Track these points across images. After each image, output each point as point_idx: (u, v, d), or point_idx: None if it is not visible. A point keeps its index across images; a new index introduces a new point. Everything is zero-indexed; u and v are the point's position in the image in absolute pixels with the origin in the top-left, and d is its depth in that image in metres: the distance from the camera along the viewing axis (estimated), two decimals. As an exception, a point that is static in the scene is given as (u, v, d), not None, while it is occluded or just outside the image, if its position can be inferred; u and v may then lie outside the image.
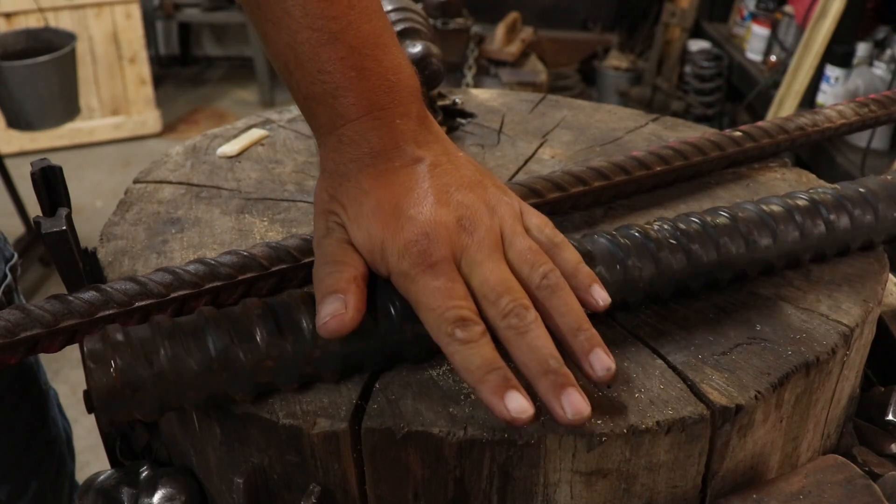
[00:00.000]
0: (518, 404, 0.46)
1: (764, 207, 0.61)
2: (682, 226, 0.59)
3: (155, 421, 0.53)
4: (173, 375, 0.49)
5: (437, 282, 0.49)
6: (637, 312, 0.59)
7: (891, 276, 0.71)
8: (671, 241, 0.57)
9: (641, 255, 0.56)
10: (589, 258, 0.55)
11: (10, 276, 0.87)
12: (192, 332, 0.50)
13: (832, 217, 0.62)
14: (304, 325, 0.51)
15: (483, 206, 0.53)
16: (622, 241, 0.57)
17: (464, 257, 0.51)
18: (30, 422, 0.91)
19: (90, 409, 0.51)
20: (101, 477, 0.65)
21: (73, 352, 0.68)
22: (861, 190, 0.65)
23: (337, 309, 0.49)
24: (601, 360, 0.49)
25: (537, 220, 0.55)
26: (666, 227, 0.59)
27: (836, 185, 0.66)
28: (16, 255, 0.90)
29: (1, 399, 0.85)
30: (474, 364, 0.47)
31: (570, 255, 0.54)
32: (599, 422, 0.49)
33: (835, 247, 0.63)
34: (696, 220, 0.59)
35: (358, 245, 0.53)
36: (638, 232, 0.58)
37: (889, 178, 0.67)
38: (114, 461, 0.71)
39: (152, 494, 0.61)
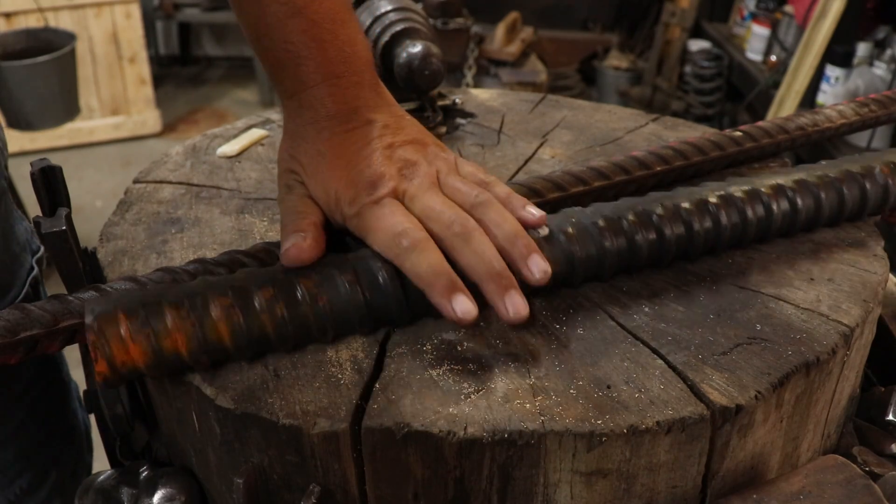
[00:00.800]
0: (464, 306, 0.52)
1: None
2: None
3: (162, 377, 0.53)
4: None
5: (382, 210, 0.56)
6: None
7: (891, 276, 0.71)
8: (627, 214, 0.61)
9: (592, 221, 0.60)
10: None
11: (36, 269, 0.88)
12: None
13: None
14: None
15: (422, 158, 0.59)
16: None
17: (405, 197, 0.57)
18: (51, 413, 0.91)
19: (90, 409, 0.51)
20: (101, 477, 0.65)
21: (72, 352, 0.68)
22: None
23: (296, 241, 0.55)
24: (538, 264, 0.54)
25: (470, 167, 0.61)
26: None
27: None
28: (42, 248, 0.91)
29: (25, 390, 0.86)
30: (422, 268, 0.53)
31: (501, 189, 0.59)
32: (599, 422, 0.49)
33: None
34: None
35: (317, 198, 0.59)
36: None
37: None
38: (114, 461, 0.71)
39: (152, 494, 0.61)
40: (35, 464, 0.90)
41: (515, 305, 0.52)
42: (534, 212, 0.58)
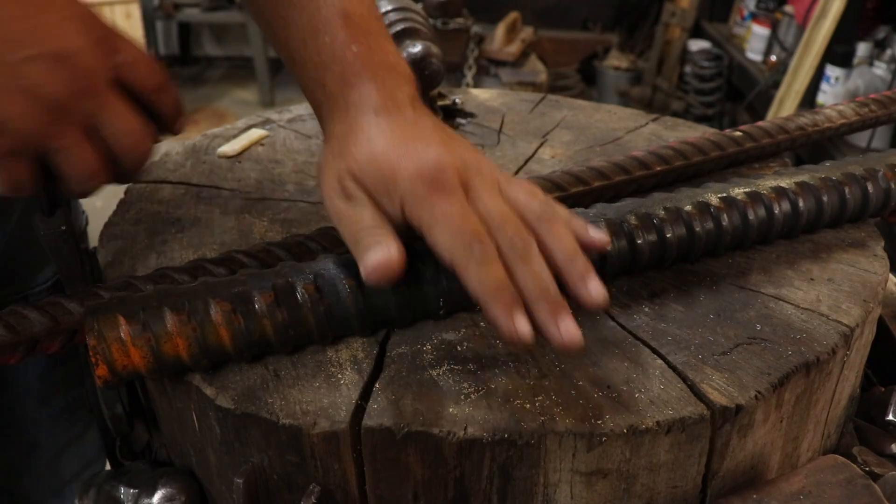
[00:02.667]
0: (525, 326, 0.49)
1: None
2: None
3: (161, 377, 0.53)
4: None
5: (453, 206, 0.52)
6: (631, 305, 0.59)
7: (891, 275, 0.71)
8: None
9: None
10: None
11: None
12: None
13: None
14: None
15: (483, 159, 0.57)
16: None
17: (470, 191, 0.54)
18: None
19: (89, 410, 0.51)
20: (101, 477, 0.65)
21: (72, 352, 0.68)
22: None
23: (383, 253, 0.51)
24: (597, 286, 0.52)
25: (528, 184, 0.58)
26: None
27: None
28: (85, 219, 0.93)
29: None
30: (491, 280, 0.50)
31: (563, 209, 0.56)
32: (599, 422, 0.49)
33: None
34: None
35: (367, 175, 0.54)
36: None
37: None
38: (114, 461, 0.71)
39: (152, 494, 0.61)
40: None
41: (569, 330, 0.50)
42: (597, 236, 0.55)
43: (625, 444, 0.49)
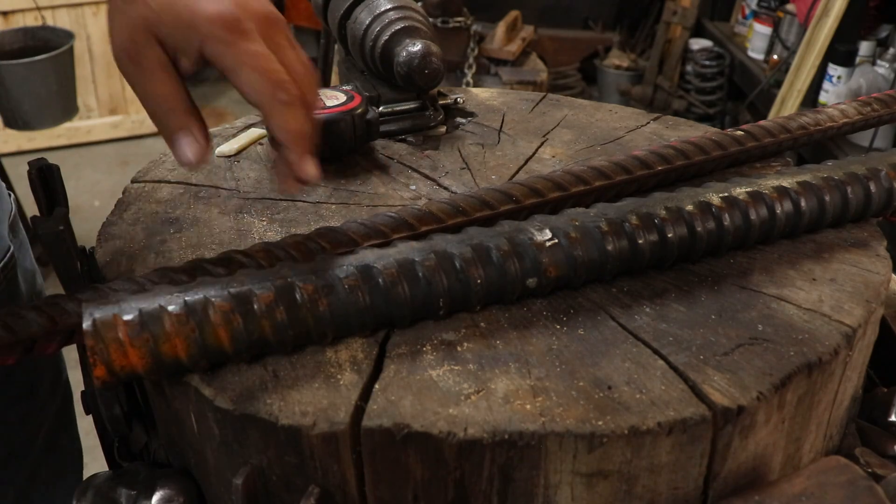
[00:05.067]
0: (314, 166, 0.56)
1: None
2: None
3: (159, 378, 0.53)
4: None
5: (256, 47, 0.54)
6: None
7: (893, 276, 0.71)
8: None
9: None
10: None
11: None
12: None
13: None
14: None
15: (274, 10, 0.58)
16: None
17: (268, 36, 0.55)
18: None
19: (87, 410, 0.51)
20: (99, 478, 0.65)
21: (70, 352, 0.68)
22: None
23: (188, 141, 0.55)
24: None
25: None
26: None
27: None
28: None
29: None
30: (297, 126, 0.55)
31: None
32: (600, 423, 0.49)
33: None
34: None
35: (163, 23, 0.54)
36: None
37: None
38: (112, 462, 0.70)
39: (150, 496, 0.60)
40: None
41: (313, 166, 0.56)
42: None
43: (626, 446, 0.49)
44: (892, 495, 0.58)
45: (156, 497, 0.60)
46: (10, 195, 0.91)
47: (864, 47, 2.74)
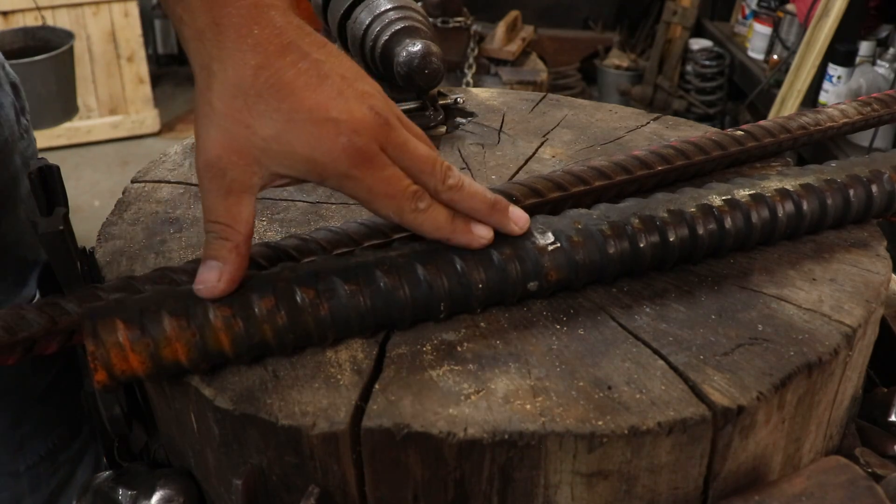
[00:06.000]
0: (483, 230, 0.56)
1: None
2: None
3: (158, 378, 0.53)
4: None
5: (384, 172, 0.54)
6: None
7: (893, 276, 0.71)
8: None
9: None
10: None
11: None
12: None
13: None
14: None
15: (378, 89, 0.56)
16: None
17: (388, 144, 0.54)
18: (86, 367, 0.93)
19: (87, 411, 0.51)
20: (99, 478, 0.65)
21: (70, 352, 0.67)
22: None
23: (209, 277, 0.52)
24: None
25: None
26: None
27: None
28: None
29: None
30: (441, 221, 0.56)
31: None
32: (600, 423, 0.49)
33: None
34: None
35: (273, 156, 0.52)
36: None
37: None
38: (112, 462, 0.70)
39: (150, 496, 0.60)
40: (70, 417, 0.92)
41: (520, 218, 0.57)
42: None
43: (626, 446, 0.49)
44: (892, 495, 0.58)
45: (156, 497, 0.60)
46: None
47: (864, 47, 2.74)
